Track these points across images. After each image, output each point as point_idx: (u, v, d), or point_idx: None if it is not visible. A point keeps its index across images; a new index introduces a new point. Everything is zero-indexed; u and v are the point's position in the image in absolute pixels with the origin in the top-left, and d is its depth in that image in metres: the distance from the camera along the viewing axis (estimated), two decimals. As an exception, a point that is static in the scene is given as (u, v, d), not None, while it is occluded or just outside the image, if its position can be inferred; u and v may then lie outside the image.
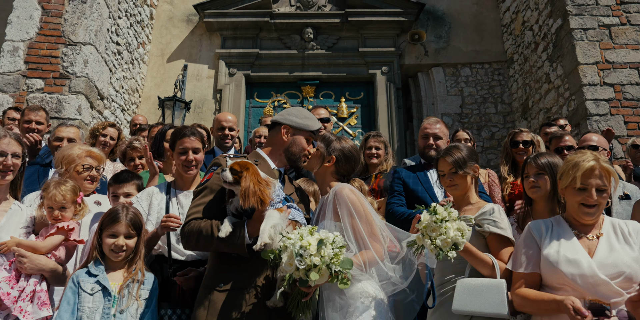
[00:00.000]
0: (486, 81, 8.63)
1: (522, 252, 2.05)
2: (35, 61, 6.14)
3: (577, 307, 1.75)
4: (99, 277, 2.31)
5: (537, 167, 2.67)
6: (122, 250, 2.38)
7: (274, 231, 2.07)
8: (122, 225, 2.39)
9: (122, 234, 2.39)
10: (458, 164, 2.57)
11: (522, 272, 2.02)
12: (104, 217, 2.44)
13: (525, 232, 2.11)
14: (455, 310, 2.19)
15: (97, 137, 4.37)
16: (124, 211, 2.43)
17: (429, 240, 2.16)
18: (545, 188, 2.61)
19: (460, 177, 2.57)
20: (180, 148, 2.89)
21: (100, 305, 2.24)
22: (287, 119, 2.50)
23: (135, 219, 2.45)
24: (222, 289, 2.14)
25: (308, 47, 8.69)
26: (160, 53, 8.70)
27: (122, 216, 2.41)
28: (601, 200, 2.08)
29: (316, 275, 1.96)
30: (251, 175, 2.10)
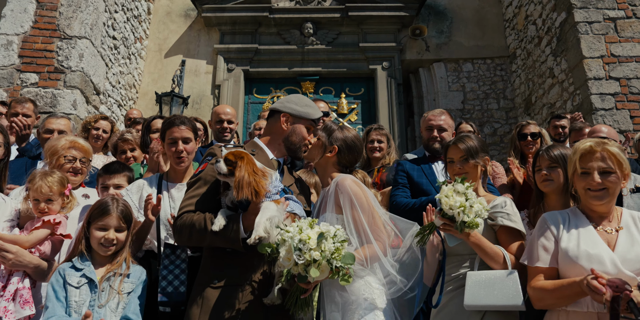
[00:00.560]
0: (488, 77, 8.51)
1: (539, 245, 1.93)
2: (30, 55, 6.01)
3: (593, 285, 1.62)
4: (84, 270, 2.19)
5: (549, 160, 2.56)
6: (112, 244, 2.27)
7: (270, 224, 1.94)
8: (112, 217, 2.28)
9: (112, 227, 2.27)
10: (470, 152, 2.46)
11: (540, 267, 1.89)
12: (92, 209, 2.32)
13: (541, 223, 1.99)
14: (468, 305, 2.07)
15: (89, 131, 4.24)
16: (114, 203, 2.31)
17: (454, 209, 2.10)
18: (559, 181, 2.50)
19: (471, 167, 2.46)
20: (169, 138, 2.77)
21: (87, 299, 2.13)
22: (287, 107, 2.38)
23: (126, 211, 2.33)
24: (216, 286, 2.02)
25: (308, 42, 8.57)
26: (158, 48, 8.57)
27: (113, 208, 2.29)
28: (608, 183, 1.94)
29: (316, 271, 1.84)
30: (246, 165, 1.98)
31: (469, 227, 2.18)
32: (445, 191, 2.23)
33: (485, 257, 2.23)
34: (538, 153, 2.68)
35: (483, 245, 2.21)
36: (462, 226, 2.17)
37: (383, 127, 4.09)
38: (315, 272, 1.84)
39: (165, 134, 2.78)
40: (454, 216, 2.17)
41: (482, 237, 2.23)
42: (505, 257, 2.21)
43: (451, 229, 2.20)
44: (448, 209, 2.18)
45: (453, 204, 2.17)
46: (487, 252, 2.22)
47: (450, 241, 2.28)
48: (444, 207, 2.19)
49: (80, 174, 2.87)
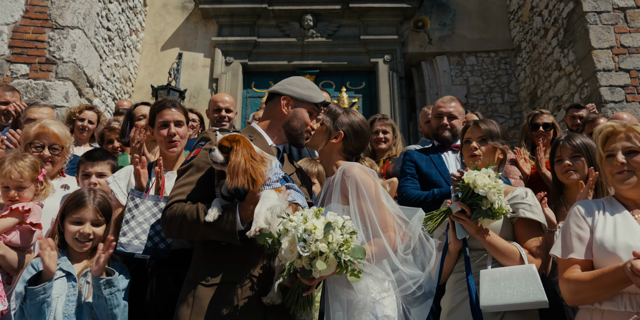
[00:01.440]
0: (492, 70, 8.33)
1: (573, 236, 1.73)
2: (20, 45, 5.81)
3: (637, 268, 1.43)
4: (60, 264, 2.00)
5: (572, 149, 2.38)
6: (88, 239, 2.07)
7: (271, 214, 1.75)
8: (88, 210, 2.08)
9: (88, 221, 2.07)
10: (491, 133, 2.28)
11: (574, 259, 1.69)
12: (67, 201, 2.12)
13: (573, 213, 1.79)
14: (484, 306, 1.88)
15: (74, 122, 4.02)
16: (91, 194, 2.11)
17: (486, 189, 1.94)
18: (582, 172, 2.33)
19: (489, 150, 2.28)
20: (160, 121, 2.56)
21: (63, 292, 1.94)
22: (288, 89, 2.19)
23: (104, 203, 2.13)
24: (209, 284, 1.82)
25: (307, 35, 8.37)
26: (154, 41, 8.37)
27: (89, 200, 2.09)
28: (634, 164, 1.74)
29: (322, 264, 1.64)
30: (242, 149, 1.78)
31: (493, 215, 1.99)
32: (473, 173, 2.04)
33: (497, 254, 2.04)
34: (558, 143, 2.50)
35: (495, 243, 2.03)
36: (484, 214, 1.98)
37: (387, 116, 3.90)
38: (321, 265, 1.64)
39: (155, 118, 2.58)
40: (484, 198, 1.98)
41: (494, 233, 2.06)
42: (521, 254, 2.02)
43: (465, 218, 2.01)
44: (481, 188, 1.97)
45: (487, 182, 1.98)
46: (499, 249, 2.03)
47: (460, 233, 2.09)
48: (479, 184, 1.98)
49: (50, 163, 2.63)
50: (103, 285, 1.90)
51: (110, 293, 1.90)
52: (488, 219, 2.01)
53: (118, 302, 1.93)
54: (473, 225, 2.04)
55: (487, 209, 2.00)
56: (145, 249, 2.16)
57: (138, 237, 2.17)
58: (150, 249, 2.16)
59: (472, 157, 2.30)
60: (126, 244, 2.15)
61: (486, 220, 2.03)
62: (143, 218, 2.23)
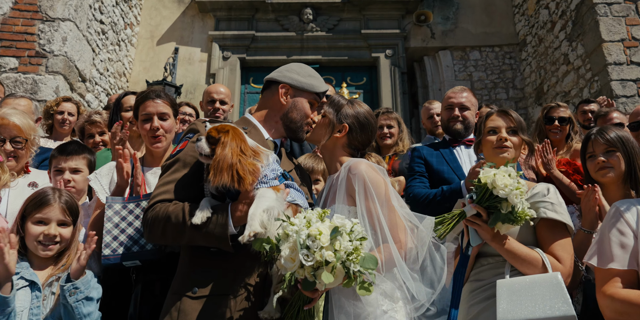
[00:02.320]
0: (497, 65, 8.12)
1: (613, 241, 1.52)
2: (9, 38, 5.59)
3: None
4: (22, 272, 1.78)
5: (606, 143, 2.17)
6: (53, 241, 1.85)
7: (268, 217, 1.54)
8: (54, 208, 1.86)
9: (54, 220, 1.86)
10: (521, 125, 2.06)
11: (615, 269, 1.48)
12: (29, 200, 1.90)
13: (613, 215, 1.58)
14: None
15: (52, 116, 3.79)
16: (56, 192, 1.90)
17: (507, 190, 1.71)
18: (619, 168, 2.11)
19: (517, 142, 2.06)
20: (143, 113, 2.34)
21: (27, 305, 1.73)
22: (287, 77, 1.98)
23: (71, 202, 1.92)
24: (196, 296, 1.60)
25: (307, 29, 8.16)
26: (150, 35, 8.14)
27: (54, 198, 1.87)
28: None
29: (329, 277, 1.43)
30: (231, 141, 1.57)
31: (513, 220, 1.76)
32: (491, 171, 1.79)
33: (516, 261, 1.82)
34: (589, 137, 2.29)
35: (513, 248, 1.80)
36: (504, 219, 1.75)
37: (392, 110, 3.67)
38: (328, 277, 1.43)
39: (139, 110, 2.36)
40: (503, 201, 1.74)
41: (512, 239, 1.84)
42: (544, 260, 1.80)
43: (480, 223, 1.80)
44: (501, 189, 1.73)
45: (509, 183, 1.74)
46: (519, 255, 1.80)
47: (474, 239, 1.87)
48: (498, 184, 1.73)
49: (14, 158, 2.37)
50: (68, 291, 1.69)
51: (76, 300, 1.69)
52: (507, 224, 1.79)
53: (88, 312, 1.71)
54: (489, 231, 1.81)
55: (507, 213, 1.77)
56: (133, 254, 1.95)
57: (123, 244, 1.96)
58: (137, 253, 1.95)
59: (500, 148, 2.06)
60: (111, 255, 1.94)
61: (505, 226, 1.80)
62: (126, 223, 2.02)
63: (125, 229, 1.98)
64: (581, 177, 3.10)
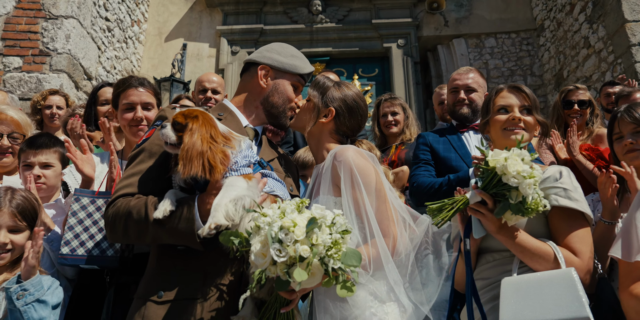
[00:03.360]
0: (513, 52, 7.80)
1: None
2: (13, 37, 5.55)
3: None
4: None
5: (634, 123, 1.95)
6: (4, 250, 1.72)
7: (236, 208, 1.37)
8: (3, 213, 1.73)
9: (4, 227, 1.73)
10: (535, 104, 1.85)
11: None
12: None
13: None
14: None
15: (41, 111, 3.69)
16: (7, 195, 1.76)
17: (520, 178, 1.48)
18: None
19: (532, 122, 1.84)
20: (125, 103, 2.19)
21: None
22: (267, 57, 1.81)
23: (25, 205, 1.77)
24: (161, 300, 1.44)
25: (316, 21, 7.97)
26: (158, 32, 8.07)
27: (4, 201, 1.74)
28: None
29: (303, 274, 1.27)
30: (200, 128, 1.42)
31: (523, 212, 1.53)
32: (502, 154, 1.56)
33: (525, 256, 1.60)
34: (615, 116, 2.06)
35: (521, 241, 1.58)
36: (513, 209, 1.53)
37: (396, 95, 3.46)
38: (301, 275, 1.26)
39: (119, 98, 2.22)
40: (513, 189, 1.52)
41: (520, 231, 1.62)
42: (556, 254, 1.58)
43: (485, 212, 1.59)
44: (512, 176, 1.50)
45: (521, 170, 1.50)
46: (527, 249, 1.59)
47: (477, 231, 1.66)
48: (510, 171, 1.50)
49: (11, 154, 2.30)
50: (15, 293, 1.55)
51: (25, 304, 1.55)
52: (516, 216, 1.56)
53: (40, 316, 1.57)
54: (495, 222, 1.59)
55: (516, 204, 1.54)
56: (92, 258, 1.80)
57: (84, 244, 1.82)
58: (97, 257, 1.80)
59: (512, 130, 1.83)
60: (68, 255, 1.80)
61: (513, 217, 1.57)
62: (91, 221, 1.87)
63: (89, 227, 1.84)
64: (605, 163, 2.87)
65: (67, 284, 1.92)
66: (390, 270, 1.50)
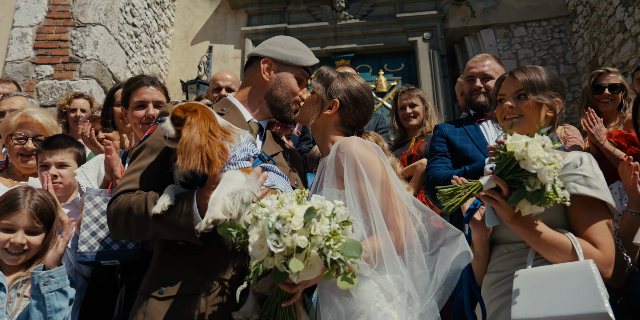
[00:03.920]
0: (545, 40, 7.54)
1: None
2: (44, 46, 5.75)
3: None
4: None
5: None
6: (21, 250, 1.75)
7: (233, 201, 1.36)
8: (22, 215, 1.76)
9: (21, 228, 1.76)
10: (532, 85, 1.74)
11: None
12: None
13: None
14: (519, 319, 1.39)
15: (66, 115, 3.78)
16: (27, 195, 1.79)
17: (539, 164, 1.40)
18: None
19: (530, 106, 1.75)
20: (136, 101, 2.23)
21: None
22: (269, 50, 1.80)
23: (42, 206, 1.80)
24: (163, 296, 1.44)
25: (340, 18, 7.92)
26: (184, 36, 8.20)
27: (24, 202, 1.76)
28: None
29: (299, 265, 1.23)
30: (199, 122, 1.41)
31: (541, 201, 1.44)
32: (522, 138, 1.48)
33: (541, 247, 1.52)
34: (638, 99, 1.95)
35: (537, 231, 1.50)
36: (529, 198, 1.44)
37: (413, 87, 3.39)
38: (297, 266, 1.23)
39: (131, 96, 2.25)
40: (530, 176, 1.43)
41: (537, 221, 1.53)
42: (574, 245, 1.49)
43: (499, 200, 1.51)
44: (532, 162, 1.41)
45: (542, 156, 1.42)
46: (544, 240, 1.51)
47: (490, 219, 1.58)
48: (529, 156, 1.41)
49: (35, 157, 2.36)
50: (42, 279, 1.58)
51: (49, 291, 1.58)
52: (531, 205, 1.47)
53: (60, 306, 1.60)
54: (509, 211, 1.51)
55: (533, 192, 1.45)
56: (112, 253, 1.83)
57: (102, 241, 1.85)
58: (117, 252, 1.83)
59: (507, 120, 1.77)
60: (87, 252, 1.83)
61: (529, 206, 1.49)
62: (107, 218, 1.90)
63: (105, 224, 1.87)
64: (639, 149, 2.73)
65: (83, 281, 1.96)
66: (396, 264, 1.45)
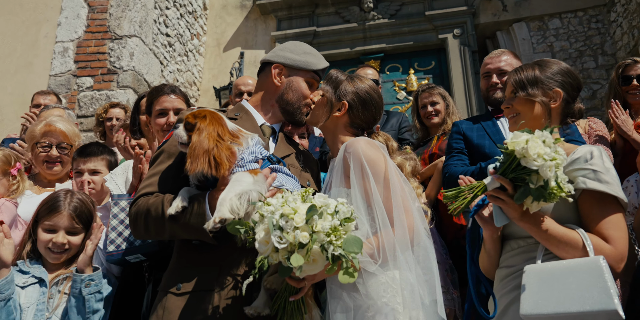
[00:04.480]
0: (581, 31, 7.31)
1: None
2: (84, 59, 6.05)
3: None
4: (32, 271, 1.84)
5: None
6: (63, 249, 1.88)
7: (240, 201, 1.43)
8: (63, 216, 1.89)
9: (62, 229, 1.88)
10: (521, 83, 1.74)
11: None
12: (41, 205, 1.95)
13: None
14: (526, 315, 1.39)
15: (103, 124, 3.97)
16: (67, 198, 1.92)
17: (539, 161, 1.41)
18: None
19: (520, 103, 1.76)
20: (158, 109, 2.35)
21: (34, 302, 1.76)
22: (280, 56, 1.87)
23: (82, 208, 1.93)
24: (180, 292, 1.53)
25: (368, 18, 7.94)
26: (216, 43, 8.42)
27: (64, 204, 1.89)
28: None
29: (299, 259, 1.29)
30: (208, 127, 1.49)
31: (546, 197, 1.44)
32: (522, 136, 1.48)
33: (550, 243, 1.52)
34: None
35: (545, 227, 1.50)
36: (534, 195, 1.45)
37: (434, 85, 3.38)
38: (297, 260, 1.30)
39: (153, 105, 2.37)
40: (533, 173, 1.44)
41: (545, 217, 1.53)
42: (584, 241, 1.48)
43: (505, 199, 1.51)
44: (533, 159, 1.42)
45: (543, 152, 1.42)
46: (553, 236, 1.50)
47: (498, 219, 1.59)
48: (530, 153, 1.42)
49: (60, 163, 2.52)
50: (85, 282, 1.70)
51: (89, 293, 1.70)
52: (538, 202, 1.47)
53: (97, 308, 1.72)
54: (517, 208, 1.51)
55: (537, 188, 1.45)
56: (135, 248, 1.95)
57: (128, 239, 1.97)
58: (139, 246, 1.95)
59: (510, 119, 1.79)
60: (115, 251, 1.95)
61: (534, 203, 1.49)
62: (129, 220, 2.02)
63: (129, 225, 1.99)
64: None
65: (115, 280, 2.08)
66: (401, 260, 1.49)
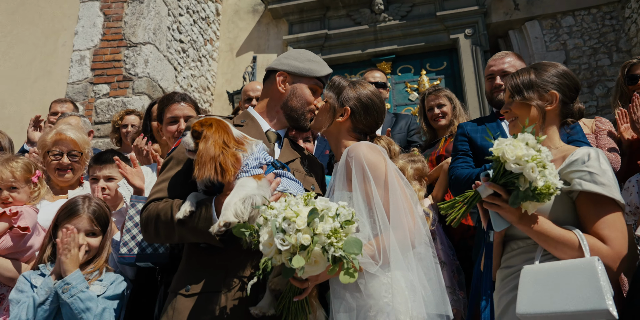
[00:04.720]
0: (595, 29, 7.23)
1: None
2: (100, 67, 6.20)
3: None
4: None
5: None
6: (83, 251, 1.97)
7: (244, 206, 1.49)
8: (82, 219, 1.98)
9: (82, 231, 1.97)
10: (517, 88, 1.77)
11: None
12: (61, 210, 2.04)
13: None
14: (522, 314, 1.42)
15: (119, 130, 4.07)
16: (85, 202, 2.02)
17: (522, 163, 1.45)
18: None
19: (517, 107, 1.78)
20: (169, 117, 2.43)
21: None
22: (284, 64, 1.92)
23: (99, 211, 2.02)
24: (189, 293, 1.60)
25: (379, 20, 7.97)
26: (229, 48, 8.53)
27: (83, 208, 1.99)
28: None
29: (300, 260, 1.35)
30: (214, 134, 1.56)
31: (537, 197, 1.47)
32: (505, 141, 1.52)
33: (548, 244, 1.54)
34: None
35: (543, 229, 1.52)
36: (526, 197, 1.49)
37: (440, 87, 3.41)
38: (299, 261, 1.35)
39: (164, 113, 2.45)
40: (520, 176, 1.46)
41: (542, 218, 1.56)
42: (580, 241, 1.50)
43: (501, 204, 1.54)
44: (514, 163, 1.46)
45: (521, 154, 1.45)
46: (550, 237, 1.53)
47: (497, 224, 1.62)
48: (508, 157, 1.46)
49: (71, 170, 2.60)
50: (59, 288, 1.79)
51: (70, 296, 1.78)
52: (533, 203, 1.51)
53: (87, 306, 1.79)
54: (514, 212, 1.54)
55: (525, 190, 1.48)
56: (146, 256, 2.02)
57: (140, 244, 2.05)
58: (150, 255, 2.02)
59: (510, 122, 1.82)
60: (126, 254, 2.03)
61: (531, 204, 1.51)
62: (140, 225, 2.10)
63: None
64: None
65: (129, 283, 2.16)
66: (403, 261, 1.53)
